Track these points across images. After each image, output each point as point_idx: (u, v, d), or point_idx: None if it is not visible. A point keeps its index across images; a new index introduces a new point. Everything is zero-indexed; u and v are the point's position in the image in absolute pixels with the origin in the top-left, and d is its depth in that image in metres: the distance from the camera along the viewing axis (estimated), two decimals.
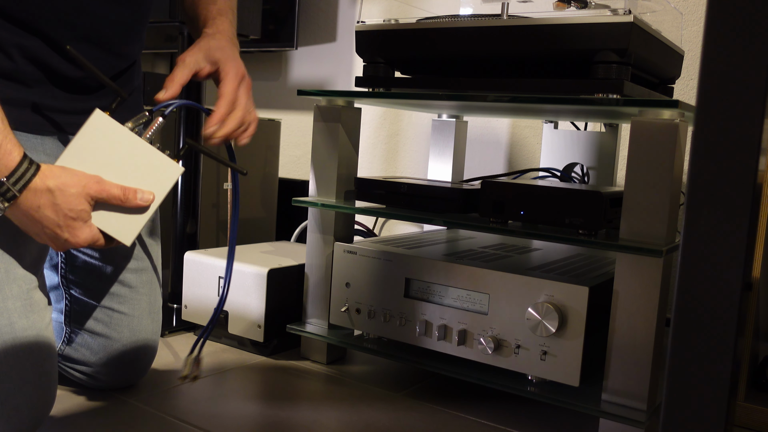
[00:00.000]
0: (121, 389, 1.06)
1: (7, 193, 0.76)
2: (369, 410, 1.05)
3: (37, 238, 0.82)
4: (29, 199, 0.77)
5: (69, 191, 0.79)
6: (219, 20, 0.99)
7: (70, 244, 0.81)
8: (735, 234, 0.42)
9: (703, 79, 0.43)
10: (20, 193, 0.77)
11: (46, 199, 0.78)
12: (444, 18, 1.09)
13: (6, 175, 0.75)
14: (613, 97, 0.92)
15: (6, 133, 0.76)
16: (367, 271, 1.14)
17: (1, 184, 0.76)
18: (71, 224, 0.79)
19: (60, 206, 0.78)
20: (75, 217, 0.79)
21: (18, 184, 0.76)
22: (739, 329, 0.44)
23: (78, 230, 0.80)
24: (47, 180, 0.78)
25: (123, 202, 0.82)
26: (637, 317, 0.91)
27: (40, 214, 0.78)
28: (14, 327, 0.83)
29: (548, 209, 0.98)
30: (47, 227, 0.79)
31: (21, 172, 0.76)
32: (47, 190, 0.78)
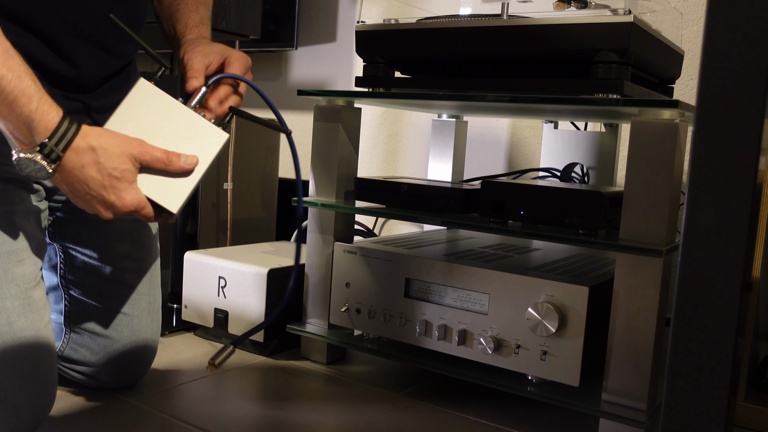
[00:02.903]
0: (121, 389, 1.06)
1: (51, 154, 0.74)
2: (369, 410, 1.05)
3: (86, 205, 0.80)
4: (72, 159, 0.76)
5: (111, 150, 0.77)
6: (201, 29, 1.00)
7: (116, 208, 0.79)
8: (735, 234, 0.42)
9: (703, 79, 0.43)
10: (63, 153, 0.75)
11: (89, 158, 0.76)
12: (444, 18, 1.09)
13: (47, 136, 0.74)
14: (613, 97, 0.92)
15: (41, 94, 0.75)
16: (367, 271, 1.14)
17: (44, 146, 0.74)
18: (116, 185, 0.77)
19: (103, 165, 0.76)
20: (119, 176, 0.77)
21: (60, 144, 0.75)
22: (739, 329, 0.44)
23: (123, 191, 0.78)
24: (89, 139, 0.76)
25: (166, 165, 0.81)
26: (637, 317, 0.91)
27: (85, 174, 0.76)
28: (13, 327, 0.83)
29: (548, 209, 0.98)
30: (93, 189, 0.77)
31: (62, 132, 0.75)
32: (90, 149, 0.76)
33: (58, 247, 1.02)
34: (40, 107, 0.74)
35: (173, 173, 0.82)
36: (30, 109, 0.73)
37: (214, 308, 1.29)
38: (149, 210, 0.81)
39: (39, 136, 0.74)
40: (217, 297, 1.28)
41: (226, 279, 1.27)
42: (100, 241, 1.02)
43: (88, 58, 0.92)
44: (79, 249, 1.02)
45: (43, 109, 0.74)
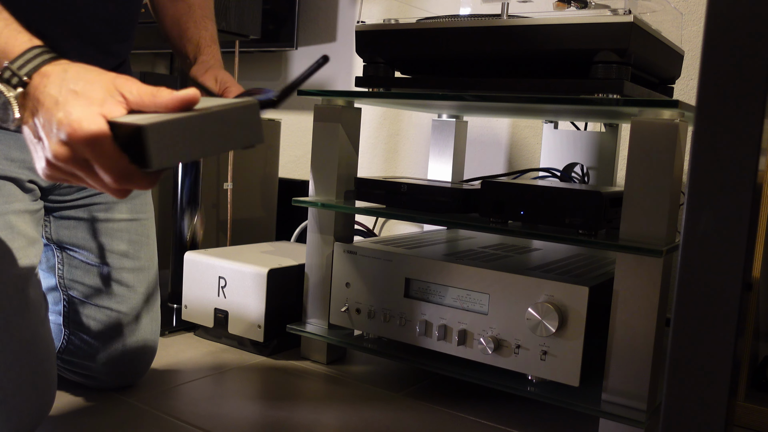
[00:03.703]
0: (121, 389, 1.06)
1: (12, 79, 0.62)
2: (369, 410, 1.05)
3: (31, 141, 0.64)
4: (36, 81, 0.62)
5: (86, 72, 0.62)
6: (213, 48, 1.04)
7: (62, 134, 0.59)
8: (735, 234, 0.42)
9: (703, 79, 0.43)
10: (29, 78, 0.62)
11: (55, 78, 0.62)
12: (444, 18, 1.09)
13: (10, 59, 0.62)
14: (613, 97, 0.92)
15: (9, 22, 0.65)
16: (367, 271, 1.14)
17: (4, 70, 0.62)
18: (70, 100, 0.60)
19: (67, 81, 0.61)
20: (79, 91, 0.60)
21: (24, 68, 0.62)
22: (739, 329, 0.44)
23: (76, 108, 0.59)
24: (65, 64, 0.63)
25: (154, 95, 0.61)
26: (637, 317, 0.91)
27: (43, 93, 0.61)
28: (10, 326, 0.83)
29: (548, 209, 0.98)
30: (44, 109, 0.60)
31: (30, 57, 0.63)
32: (61, 70, 0.62)
33: (56, 248, 1.02)
34: (10, 35, 0.63)
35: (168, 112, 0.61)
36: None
37: (214, 308, 1.29)
38: (109, 148, 0.59)
39: (1, 62, 0.62)
40: (217, 297, 1.28)
41: (226, 279, 1.27)
42: (97, 241, 1.02)
43: (81, 57, 0.91)
44: (76, 249, 1.02)
45: (12, 36, 0.63)
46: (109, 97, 0.61)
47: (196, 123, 0.60)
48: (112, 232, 1.03)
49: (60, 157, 0.60)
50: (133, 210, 1.06)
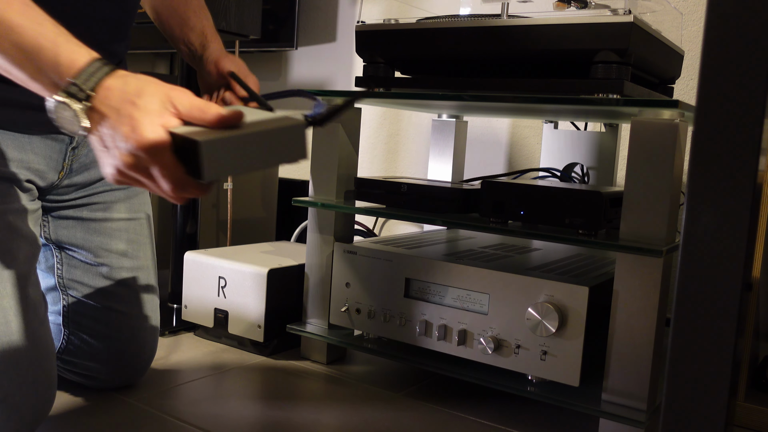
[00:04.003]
0: (121, 389, 1.06)
1: (79, 94, 0.65)
2: (369, 410, 1.05)
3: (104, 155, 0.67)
4: (101, 95, 0.65)
5: (143, 84, 0.66)
6: (217, 36, 1.06)
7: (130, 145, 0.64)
8: (735, 234, 0.42)
9: (703, 79, 0.43)
10: (94, 92, 0.65)
11: (117, 91, 0.66)
12: (444, 18, 1.09)
13: (74, 75, 0.65)
14: (613, 97, 0.92)
15: (67, 37, 0.67)
16: (367, 271, 1.14)
17: (71, 85, 0.65)
18: (134, 113, 0.64)
19: (128, 93, 0.65)
20: (141, 105, 0.64)
21: (89, 82, 0.66)
22: (739, 329, 0.44)
23: (140, 121, 0.64)
24: (124, 75, 0.67)
25: (203, 112, 0.66)
26: (637, 317, 0.91)
27: (108, 106, 0.65)
28: (10, 326, 0.83)
29: (548, 209, 0.98)
30: (109, 120, 0.65)
31: (92, 71, 0.66)
32: (122, 83, 0.66)
33: (55, 248, 1.02)
34: (69, 48, 0.67)
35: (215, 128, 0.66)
36: (57, 51, 0.66)
37: (214, 308, 1.29)
38: (168, 158, 0.64)
39: (64, 77, 0.66)
40: (217, 297, 1.28)
41: (226, 279, 1.27)
42: (96, 241, 1.02)
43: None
44: (75, 249, 1.02)
45: (71, 50, 0.67)
46: (164, 109, 0.65)
47: (247, 140, 0.65)
48: (111, 231, 1.03)
49: (126, 166, 0.65)
50: (132, 209, 1.06)
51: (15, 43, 0.66)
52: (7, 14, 0.66)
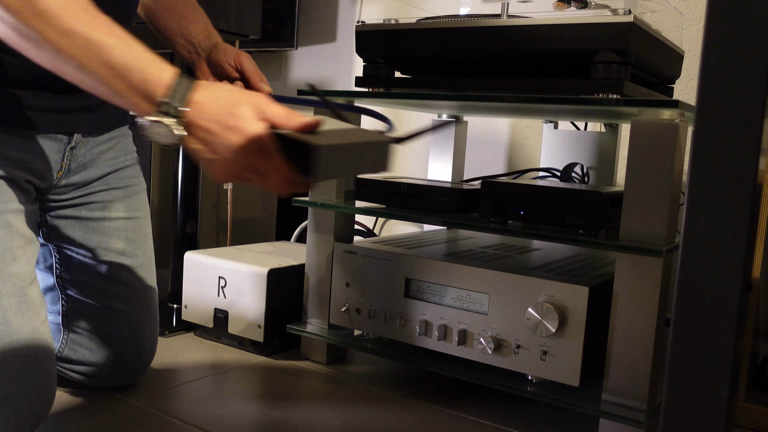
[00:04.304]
0: (121, 389, 1.06)
1: (172, 111, 0.70)
2: (369, 410, 1.05)
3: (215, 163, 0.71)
4: (193, 110, 0.70)
5: (233, 97, 0.72)
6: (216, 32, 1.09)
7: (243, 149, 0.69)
8: (735, 234, 0.42)
9: (703, 79, 0.43)
10: (184, 107, 0.70)
11: (209, 104, 0.71)
12: (444, 18, 1.09)
13: (165, 94, 0.70)
14: (613, 97, 0.92)
15: (153, 55, 0.71)
16: (367, 271, 1.14)
17: (163, 104, 0.69)
18: (237, 124, 0.69)
19: (220, 105, 0.71)
20: (239, 114, 0.70)
21: (176, 98, 0.70)
22: (739, 329, 0.44)
23: (246, 125, 0.69)
24: (206, 87, 0.72)
25: (287, 119, 0.71)
26: (637, 317, 0.91)
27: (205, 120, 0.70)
28: (10, 325, 0.83)
29: (548, 209, 0.98)
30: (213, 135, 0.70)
31: (180, 86, 0.71)
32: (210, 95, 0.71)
33: (53, 248, 1.03)
34: (154, 66, 0.71)
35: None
36: (146, 70, 0.70)
37: (214, 308, 1.29)
38: (278, 159, 0.70)
39: (156, 96, 0.70)
40: (217, 297, 1.28)
41: (226, 279, 1.27)
42: (94, 240, 1.02)
43: None
44: (73, 248, 1.02)
45: (156, 68, 0.71)
46: (258, 114, 0.71)
47: (349, 149, 0.73)
48: (109, 230, 1.03)
49: (240, 169, 0.71)
50: (130, 209, 1.06)
51: (104, 62, 0.69)
52: (94, 34, 0.68)
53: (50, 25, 0.68)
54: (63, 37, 0.68)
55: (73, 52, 0.69)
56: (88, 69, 0.69)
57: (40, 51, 0.70)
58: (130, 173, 1.07)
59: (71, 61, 0.69)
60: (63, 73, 0.72)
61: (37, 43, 0.69)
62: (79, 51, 0.69)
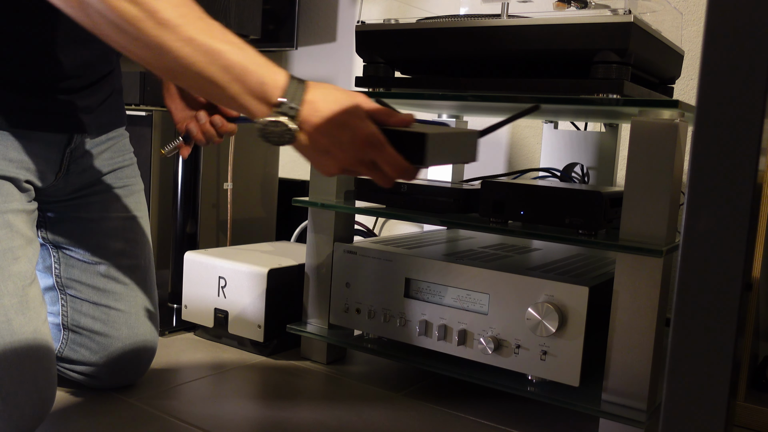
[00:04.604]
0: (121, 389, 1.06)
1: (290, 111, 0.74)
2: (369, 410, 1.05)
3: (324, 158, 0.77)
4: (306, 110, 0.75)
5: (338, 94, 0.77)
6: None
7: (355, 145, 0.75)
8: (735, 234, 0.42)
9: (703, 79, 0.43)
10: (300, 107, 0.74)
11: (321, 104, 0.76)
12: (444, 18, 1.09)
13: (282, 95, 0.74)
14: (613, 97, 0.92)
15: (265, 59, 0.75)
16: (367, 271, 1.14)
17: (281, 104, 0.74)
18: (349, 121, 0.75)
19: (334, 106, 0.76)
20: (351, 111, 0.76)
21: (295, 99, 0.75)
22: (739, 329, 0.44)
23: (358, 124, 0.75)
24: (316, 88, 0.77)
25: (387, 115, 0.79)
26: (637, 317, 0.91)
27: (320, 117, 0.75)
28: (12, 324, 0.83)
29: (548, 209, 0.98)
30: (328, 132, 0.75)
31: (294, 88, 0.75)
32: (321, 96, 0.76)
33: (52, 248, 1.03)
34: (269, 69, 0.75)
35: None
36: (261, 72, 0.74)
37: (214, 308, 1.29)
38: (389, 150, 0.76)
39: (273, 97, 0.74)
40: (217, 297, 1.28)
41: (226, 279, 1.27)
42: (93, 240, 1.02)
43: (84, 65, 0.95)
44: (72, 248, 1.02)
45: (271, 70, 0.75)
46: (365, 112, 0.77)
47: (449, 138, 0.82)
48: (108, 230, 1.03)
49: (353, 163, 0.77)
50: (128, 208, 1.06)
51: (223, 66, 0.73)
52: (213, 41, 0.72)
53: (172, 33, 0.71)
54: (184, 45, 0.71)
55: (194, 58, 0.72)
56: (207, 74, 0.73)
57: (160, 59, 0.72)
58: (128, 173, 1.07)
59: (192, 67, 0.72)
60: (180, 78, 0.75)
61: (158, 52, 0.72)
62: (199, 57, 0.72)
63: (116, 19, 0.70)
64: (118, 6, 0.69)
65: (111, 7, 0.69)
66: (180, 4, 0.72)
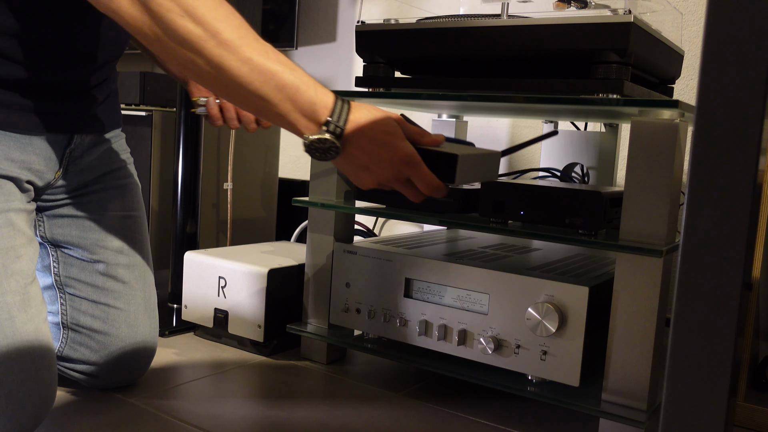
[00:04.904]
0: (121, 389, 1.06)
1: (336, 130, 0.80)
2: (369, 410, 1.05)
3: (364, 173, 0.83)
4: (351, 129, 0.81)
5: (379, 115, 0.83)
6: None
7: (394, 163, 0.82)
8: (735, 234, 0.42)
9: (703, 79, 0.43)
10: (345, 126, 0.80)
11: (365, 124, 0.81)
12: (444, 18, 1.09)
13: (329, 115, 0.79)
14: (613, 97, 0.92)
15: (313, 80, 0.80)
16: (367, 271, 1.14)
17: (328, 123, 0.79)
18: (389, 140, 0.81)
19: (376, 126, 0.82)
20: (391, 131, 0.82)
21: (341, 119, 0.80)
22: (739, 329, 0.44)
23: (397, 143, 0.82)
24: (359, 108, 0.82)
25: (420, 135, 0.85)
26: (637, 317, 0.91)
27: (364, 137, 0.81)
28: (14, 321, 0.84)
29: (548, 209, 0.98)
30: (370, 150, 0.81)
31: (339, 108, 0.80)
32: (365, 116, 0.82)
33: (50, 247, 1.03)
34: (318, 90, 0.80)
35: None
36: (311, 93, 0.79)
37: (214, 308, 1.29)
38: (424, 169, 0.83)
39: (322, 116, 0.79)
40: (217, 297, 1.28)
41: (226, 279, 1.27)
42: (91, 238, 1.03)
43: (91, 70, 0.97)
44: (71, 247, 1.03)
45: (320, 91, 0.80)
46: (402, 133, 0.83)
47: (476, 159, 0.88)
48: (106, 228, 1.04)
49: (389, 180, 0.84)
50: (125, 207, 1.07)
51: (277, 86, 0.78)
52: (269, 62, 0.77)
53: (232, 54, 0.76)
54: (243, 65, 0.76)
55: (251, 77, 0.77)
56: (262, 93, 0.78)
57: (219, 77, 0.77)
58: (125, 173, 1.08)
59: (249, 86, 0.77)
60: (234, 95, 0.79)
61: (218, 70, 0.76)
62: (255, 77, 0.77)
63: (180, 39, 0.75)
64: (184, 27, 0.74)
65: (176, 28, 0.74)
66: (239, 26, 0.77)
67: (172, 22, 0.74)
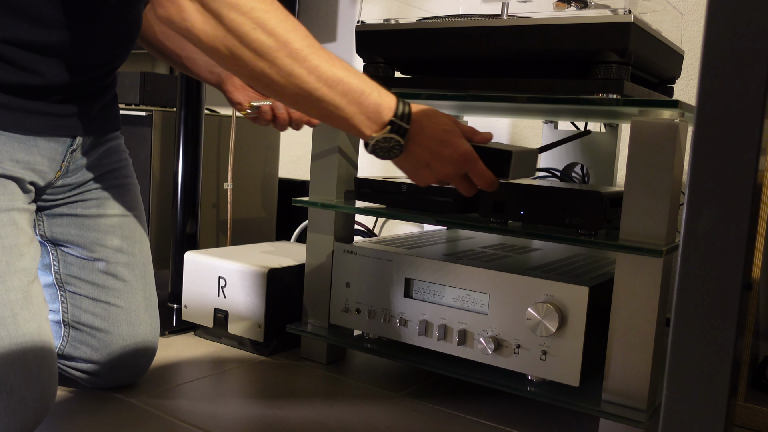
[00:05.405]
0: (121, 389, 1.06)
1: (400, 129, 0.85)
2: (369, 410, 1.05)
3: (425, 171, 0.88)
4: (414, 127, 0.85)
5: (437, 114, 0.87)
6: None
7: (454, 161, 0.86)
8: (735, 234, 0.42)
9: (703, 79, 0.43)
10: (408, 125, 0.85)
11: (425, 122, 0.86)
12: (444, 18, 1.09)
13: (393, 115, 0.84)
14: (613, 97, 0.92)
15: (375, 83, 0.84)
16: (367, 271, 1.14)
17: (393, 123, 0.84)
18: (449, 138, 0.86)
19: (436, 124, 0.86)
20: (450, 129, 0.86)
21: (404, 118, 0.85)
22: (739, 329, 0.44)
23: (456, 142, 0.86)
24: (419, 108, 0.87)
25: (473, 134, 0.90)
26: (637, 317, 0.91)
27: (425, 135, 0.86)
28: (17, 318, 0.84)
29: (548, 209, 0.98)
30: (432, 147, 0.86)
31: (401, 108, 0.85)
32: (423, 115, 0.86)
33: (50, 246, 1.03)
34: (381, 92, 0.84)
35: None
36: (375, 95, 0.84)
37: (214, 308, 1.29)
38: (481, 165, 0.87)
39: (386, 117, 0.84)
40: (217, 297, 1.28)
41: (226, 279, 1.27)
42: (91, 237, 1.03)
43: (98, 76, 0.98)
44: (70, 246, 1.03)
45: (383, 93, 0.85)
46: (460, 131, 0.87)
47: (524, 155, 0.93)
48: (105, 227, 1.04)
49: (449, 176, 0.88)
50: (125, 206, 1.07)
51: (342, 92, 0.82)
52: (334, 69, 0.82)
53: (302, 63, 0.80)
54: (309, 73, 0.80)
55: (317, 84, 0.81)
56: (329, 98, 0.82)
57: (287, 85, 0.81)
58: (124, 173, 1.09)
59: (317, 92, 0.81)
60: (301, 102, 0.82)
61: (288, 79, 0.80)
62: (322, 84, 0.81)
63: (254, 50, 0.78)
64: (257, 39, 0.78)
65: (250, 40, 0.78)
66: (305, 36, 0.81)
67: (246, 35, 0.77)
